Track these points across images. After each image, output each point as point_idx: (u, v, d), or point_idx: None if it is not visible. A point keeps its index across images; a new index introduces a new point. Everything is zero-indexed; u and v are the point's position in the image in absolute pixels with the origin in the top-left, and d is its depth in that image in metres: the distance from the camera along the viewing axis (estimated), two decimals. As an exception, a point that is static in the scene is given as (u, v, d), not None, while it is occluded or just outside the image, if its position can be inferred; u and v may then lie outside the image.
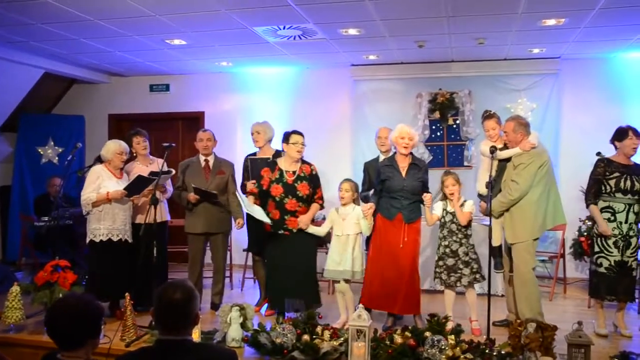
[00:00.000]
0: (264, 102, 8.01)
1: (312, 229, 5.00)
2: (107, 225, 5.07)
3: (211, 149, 5.58)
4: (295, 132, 5.04)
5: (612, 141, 4.92)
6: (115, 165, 5.22)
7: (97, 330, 2.29)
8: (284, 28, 5.94)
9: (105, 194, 5.02)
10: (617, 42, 6.47)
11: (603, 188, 4.81)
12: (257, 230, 5.40)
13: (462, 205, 4.84)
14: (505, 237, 4.78)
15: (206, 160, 5.56)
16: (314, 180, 5.03)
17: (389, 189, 4.85)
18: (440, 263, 4.89)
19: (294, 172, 5.01)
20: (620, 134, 4.85)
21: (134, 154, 5.52)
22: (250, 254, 6.01)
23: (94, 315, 2.22)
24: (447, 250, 4.86)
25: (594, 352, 3.82)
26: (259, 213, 4.92)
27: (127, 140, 5.50)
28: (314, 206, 5.06)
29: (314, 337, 4.08)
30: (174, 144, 5.34)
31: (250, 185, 5.18)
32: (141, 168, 5.44)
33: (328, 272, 4.98)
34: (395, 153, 5.00)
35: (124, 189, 5.06)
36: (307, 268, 4.99)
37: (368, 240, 5.13)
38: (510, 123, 4.77)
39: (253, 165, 5.43)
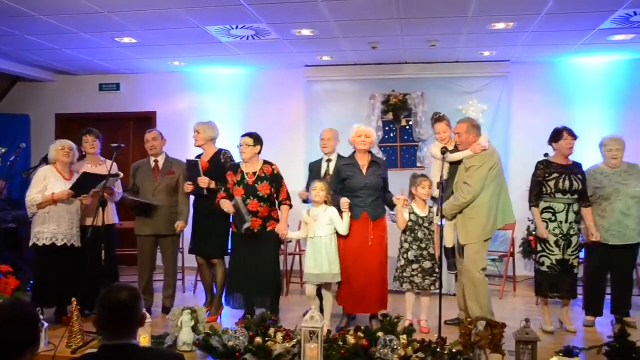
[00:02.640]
0: (217, 103, 7.92)
1: (292, 235, 4.99)
2: (51, 228, 4.91)
3: (159, 148, 5.48)
4: (244, 135, 5.04)
5: (550, 142, 5.05)
6: (62, 162, 5.04)
7: (34, 337, 2.19)
8: (237, 28, 5.88)
9: (51, 195, 4.86)
10: (563, 46, 6.66)
11: (544, 189, 4.93)
12: (203, 233, 5.33)
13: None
14: (458, 238, 4.84)
15: (155, 161, 5.46)
16: (275, 180, 4.99)
17: (351, 188, 4.85)
18: (415, 266, 4.89)
19: (254, 173, 4.98)
20: (556, 135, 4.98)
21: (84, 154, 5.37)
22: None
23: (28, 321, 2.13)
24: (425, 253, 4.89)
25: (541, 348, 3.90)
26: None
27: (78, 140, 5.35)
28: (284, 209, 5.01)
29: (267, 339, 4.04)
30: (123, 145, 5.22)
31: (189, 187, 5.20)
32: (90, 168, 5.29)
33: (307, 276, 4.87)
34: (354, 152, 5.00)
35: (70, 188, 4.91)
36: (268, 268, 4.94)
37: None
38: (463, 124, 4.83)
39: (188, 167, 5.35)
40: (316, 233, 4.83)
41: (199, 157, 5.48)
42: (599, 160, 5.24)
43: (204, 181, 5.17)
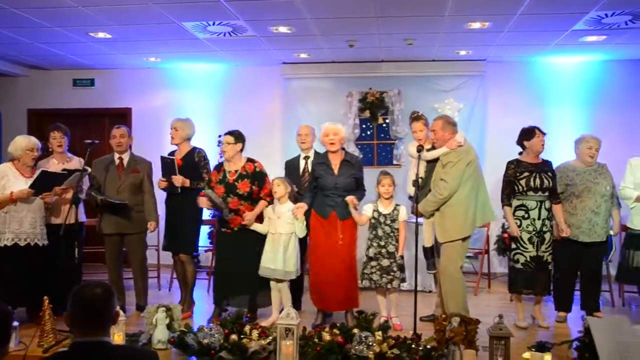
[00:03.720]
0: (194, 99, 7.87)
1: (256, 227, 4.96)
2: (13, 228, 4.79)
3: (125, 146, 5.42)
4: (225, 133, 5.05)
5: (520, 142, 5.11)
6: (25, 163, 4.92)
7: (4, 336, 2.16)
8: (213, 24, 5.84)
9: (9, 194, 4.74)
10: (537, 47, 6.75)
11: (516, 188, 4.99)
12: (175, 230, 5.31)
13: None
14: (436, 236, 4.84)
15: (120, 158, 5.41)
16: (256, 177, 4.97)
17: (322, 187, 4.86)
18: (374, 264, 4.93)
19: (236, 172, 4.98)
20: (528, 134, 5.04)
21: (50, 150, 5.28)
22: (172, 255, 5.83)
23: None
24: (384, 251, 4.92)
25: (514, 343, 3.95)
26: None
27: (45, 136, 5.26)
28: (261, 203, 4.99)
29: (242, 336, 4.03)
30: (97, 141, 5.15)
31: (162, 183, 5.20)
32: (56, 165, 5.20)
33: (262, 269, 4.93)
34: (327, 151, 5.01)
35: (30, 187, 4.79)
36: (251, 266, 4.92)
37: (305, 241, 5.13)
38: (438, 121, 4.86)
39: (163, 164, 5.30)
40: (277, 229, 4.89)
41: (172, 154, 5.44)
42: (570, 159, 5.32)
43: (178, 180, 5.14)
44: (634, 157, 5.22)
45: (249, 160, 5.04)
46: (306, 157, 5.51)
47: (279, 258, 4.87)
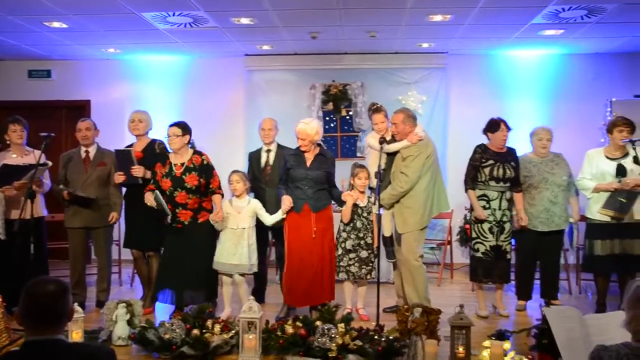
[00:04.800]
0: (154, 91, 7.73)
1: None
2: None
3: (91, 139, 5.30)
4: (171, 124, 4.93)
5: (485, 132, 5.18)
6: None
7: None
8: (173, 15, 5.74)
9: None
10: (498, 40, 6.83)
11: (479, 176, 5.06)
12: (137, 225, 5.22)
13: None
14: (396, 227, 4.92)
15: (86, 152, 5.29)
16: (204, 170, 4.88)
17: (293, 178, 4.82)
18: (352, 255, 4.94)
19: (182, 164, 4.88)
20: (493, 126, 5.11)
21: (8, 143, 5.13)
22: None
23: None
24: (362, 242, 4.94)
25: (475, 332, 4.00)
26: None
27: (3, 128, 5.09)
28: (217, 198, 4.93)
29: (204, 331, 4.00)
30: (53, 134, 4.99)
31: (119, 177, 5.10)
32: (15, 159, 5.05)
33: (220, 264, 4.89)
34: None
35: None
36: (202, 261, 4.87)
37: (277, 232, 5.09)
38: (399, 115, 4.90)
39: (118, 157, 5.19)
40: (239, 224, 4.87)
41: (129, 147, 5.34)
42: (529, 150, 5.42)
43: (138, 170, 5.05)
44: (592, 149, 5.34)
45: (196, 152, 4.95)
46: (268, 150, 5.48)
47: (243, 252, 4.85)
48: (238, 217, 4.88)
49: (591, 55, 7.41)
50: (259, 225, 5.05)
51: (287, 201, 4.71)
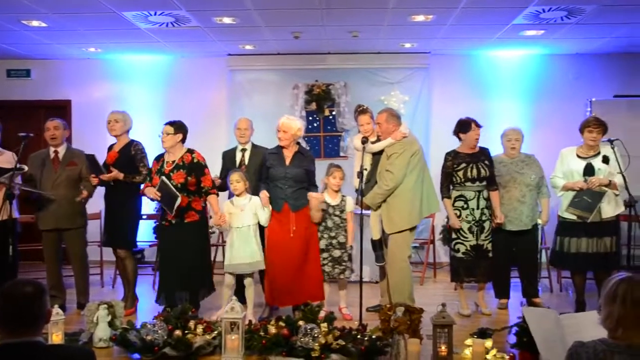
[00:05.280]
0: (137, 91, 7.69)
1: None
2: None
3: (60, 138, 5.24)
4: (166, 123, 4.93)
5: (456, 133, 5.20)
6: None
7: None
8: (155, 14, 5.71)
9: None
10: (480, 40, 6.88)
11: (454, 179, 5.09)
12: (112, 223, 5.19)
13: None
14: (384, 227, 4.90)
15: (55, 152, 5.23)
16: (193, 168, 4.83)
17: (273, 177, 4.82)
18: (325, 255, 4.94)
19: (173, 162, 4.86)
20: (464, 126, 5.13)
21: None
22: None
23: None
24: (335, 242, 4.94)
25: (457, 330, 4.02)
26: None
27: None
28: (212, 199, 4.87)
29: (187, 332, 3.97)
30: (32, 134, 4.95)
31: (94, 180, 5.06)
32: None
33: (234, 266, 4.81)
34: None
35: None
36: (190, 261, 4.81)
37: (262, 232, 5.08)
38: (383, 114, 4.92)
39: (89, 161, 5.09)
40: (244, 222, 4.82)
41: (111, 147, 5.31)
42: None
43: (106, 178, 5.03)
44: (566, 148, 5.39)
45: (188, 150, 4.93)
46: (243, 150, 5.47)
47: (253, 250, 4.80)
48: (242, 215, 4.82)
49: (572, 56, 7.49)
50: None
51: (262, 195, 4.75)
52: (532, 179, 5.20)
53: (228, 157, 5.55)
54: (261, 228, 4.94)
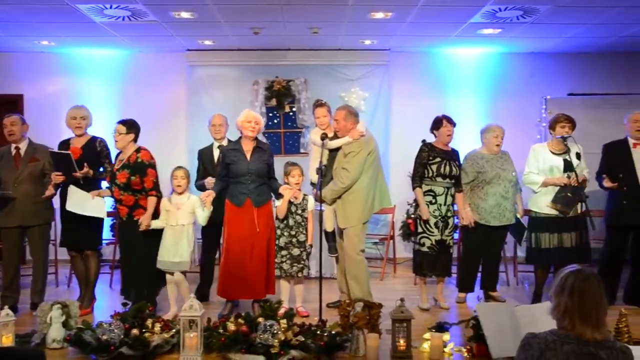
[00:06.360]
0: (93, 86, 7.51)
1: (154, 224, 4.80)
2: None
3: (19, 134, 5.10)
4: (118, 122, 4.89)
5: (431, 130, 5.28)
6: None
7: None
8: (110, 7, 5.58)
9: None
10: (439, 38, 6.95)
11: (426, 172, 5.13)
12: (73, 224, 5.06)
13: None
14: (337, 222, 4.96)
15: (17, 148, 5.09)
16: (138, 168, 4.76)
17: (235, 173, 4.77)
18: (284, 253, 4.94)
19: (121, 161, 4.81)
20: (437, 123, 5.21)
21: None
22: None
23: None
24: (294, 240, 4.94)
25: (416, 324, 4.09)
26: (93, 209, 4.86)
27: None
28: (151, 201, 4.80)
29: (144, 330, 3.91)
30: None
31: (58, 177, 4.94)
32: None
33: (163, 263, 4.81)
34: (240, 137, 4.92)
35: None
36: (140, 259, 4.79)
37: (206, 230, 5.02)
38: (341, 111, 4.94)
39: (57, 160, 4.98)
40: (178, 221, 4.81)
41: (65, 142, 5.17)
42: (471, 147, 5.54)
43: (80, 175, 4.92)
44: (537, 144, 5.50)
45: (136, 149, 4.85)
46: (220, 146, 5.41)
47: (183, 249, 4.79)
48: (177, 214, 4.80)
49: (528, 55, 7.65)
50: (210, 222, 4.95)
51: (203, 195, 4.73)
52: (513, 175, 5.29)
53: (205, 155, 5.50)
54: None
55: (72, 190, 4.93)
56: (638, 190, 5.09)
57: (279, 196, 4.91)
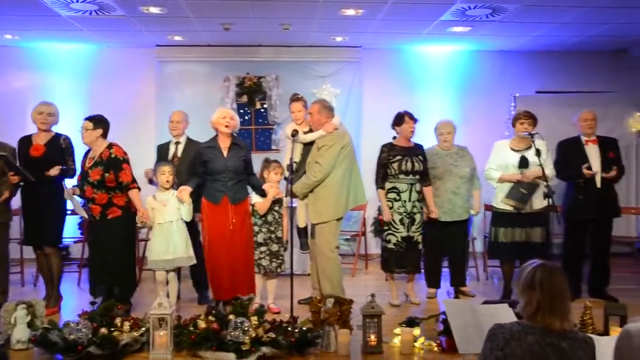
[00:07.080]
0: (59, 82, 7.37)
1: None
2: None
3: None
4: (85, 118, 4.81)
5: (393, 126, 5.30)
6: None
7: None
8: (77, 1, 5.48)
9: None
10: (409, 35, 7.00)
11: (388, 171, 5.17)
12: (34, 221, 4.99)
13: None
14: (310, 218, 4.93)
15: None
16: (112, 164, 4.68)
17: (212, 171, 4.71)
18: (264, 249, 4.91)
19: (93, 158, 4.73)
20: (398, 119, 5.24)
21: None
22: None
23: None
24: (273, 236, 4.93)
25: (387, 320, 4.11)
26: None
27: None
28: (133, 194, 4.74)
29: (113, 329, 3.85)
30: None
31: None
32: None
33: (154, 263, 4.75)
34: (216, 135, 4.85)
35: None
36: (112, 258, 4.69)
37: (191, 226, 4.99)
38: (315, 105, 4.93)
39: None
40: (166, 218, 4.75)
41: (27, 138, 5.09)
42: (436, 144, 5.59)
43: (54, 173, 4.87)
44: (500, 140, 5.58)
45: (108, 146, 4.78)
46: (177, 143, 5.41)
47: (177, 246, 4.73)
48: (164, 211, 4.73)
49: (497, 53, 7.75)
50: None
51: (178, 192, 4.71)
52: (467, 171, 5.35)
53: (162, 151, 5.48)
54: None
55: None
56: (592, 185, 5.23)
57: (261, 192, 4.88)
